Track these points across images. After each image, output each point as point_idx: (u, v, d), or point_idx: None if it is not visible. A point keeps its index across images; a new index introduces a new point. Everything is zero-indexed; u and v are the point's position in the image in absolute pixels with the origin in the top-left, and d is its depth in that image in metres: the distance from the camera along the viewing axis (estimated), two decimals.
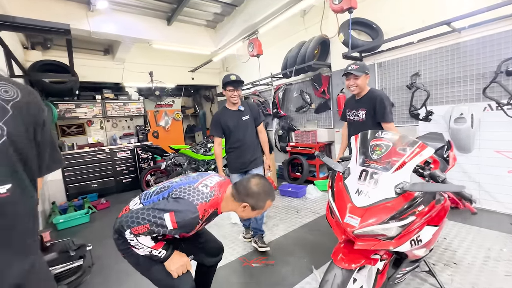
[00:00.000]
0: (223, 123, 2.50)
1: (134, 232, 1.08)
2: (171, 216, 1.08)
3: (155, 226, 1.07)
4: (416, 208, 1.13)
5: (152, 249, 1.16)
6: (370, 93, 2.27)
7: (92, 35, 4.24)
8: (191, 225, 1.13)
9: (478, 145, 3.00)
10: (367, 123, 2.23)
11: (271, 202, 1.30)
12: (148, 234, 1.10)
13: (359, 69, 2.20)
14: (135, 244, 1.14)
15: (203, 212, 1.16)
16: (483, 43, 2.89)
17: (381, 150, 1.27)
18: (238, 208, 1.27)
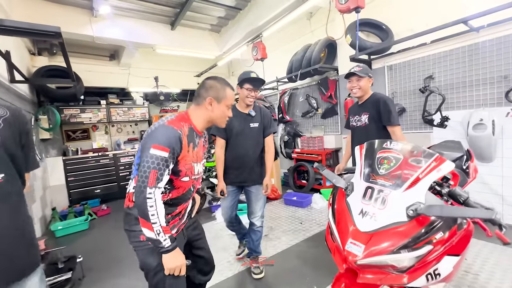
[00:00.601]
0: (227, 124, 2.19)
1: (150, 184, 1.07)
2: (157, 146, 1.08)
3: (158, 165, 1.08)
4: (434, 235, 0.93)
5: (162, 230, 1.09)
6: (373, 97, 2.13)
7: (95, 40, 4.23)
8: (177, 140, 1.13)
9: (501, 154, 2.73)
10: (371, 128, 2.10)
11: (231, 90, 1.31)
12: (160, 180, 1.09)
13: (362, 71, 2.06)
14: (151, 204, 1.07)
15: (178, 126, 1.16)
16: (505, 43, 2.64)
17: (390, 164, 1.08)
18: (207, 111, 1.26)
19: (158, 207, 1.09)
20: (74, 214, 4.14)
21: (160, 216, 1.09)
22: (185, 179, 1.23)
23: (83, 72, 5.07)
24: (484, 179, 2.85)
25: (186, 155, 1.19)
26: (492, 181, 2.81)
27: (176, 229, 1.29)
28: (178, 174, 1.19)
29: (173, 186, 1.21)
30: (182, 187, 1.24)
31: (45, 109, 4.37)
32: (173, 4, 4.32)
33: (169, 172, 1.13)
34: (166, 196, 1.21)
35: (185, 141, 1.17)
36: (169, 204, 1.23)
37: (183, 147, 1.15)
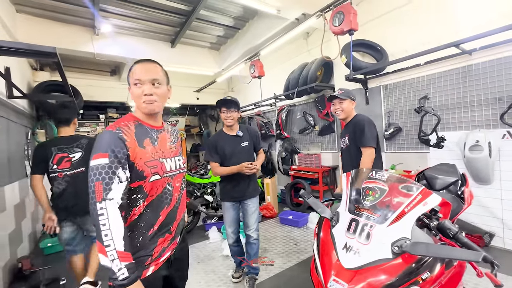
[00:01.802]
0: (219, 149, 2.28)
1: (98, 198, 0.91)
2: (95, 156, 0.96)
3: (100, 175, 0.93)
4: (420, 275, 0.88)
5: (117, 256, 0.89)
6: (354, 118, 2.20)
7: (96, 57, 4.32)
8: (116, 139, 0.98)
9: (499, 177, 2.68)
10: (350, 149, 2.17)
11: (138, 63, 1.09)
12: (108, 191, 0.93)
13: (344, 94, 2.14)
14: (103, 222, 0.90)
15: (116, 127, 1.02)
16: (498, 66, 2.66)
17: (375, 195, 1.04)
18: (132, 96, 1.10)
19: (112, 225, 0.91)
20: None
21: (115, 236, 0.90)
22: (155, 178, 1.07)
23: (84, 87, 5.14)
24: (483, 202, 2.78)
25: (142, 152, 1.04)
26: (492, 204, 2.73)
27: (164, 256, 1.13)
28: (142, 176, 1.04)
29: (145, 193, 1.06)
30: (154, 188, 1.08)
31: (43, 123, 4.40)
32: (173, 24, 4.44)
33: (120, 180, 0.97)
34: (142, 207, 1.05)
35: (132, 138, 1.03)
36: (148, 213, 1.07)
37: (129, 146, 1.01)
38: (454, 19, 2.90)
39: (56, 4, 3.60)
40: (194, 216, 3.98)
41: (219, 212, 4.15)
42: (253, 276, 2.35)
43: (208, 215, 4.08)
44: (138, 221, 1.05)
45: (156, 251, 1.09)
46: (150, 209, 1.07)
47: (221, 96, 7.90)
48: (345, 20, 2.84)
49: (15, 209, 3.02)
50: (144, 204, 1.06)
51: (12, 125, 3.18)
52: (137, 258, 1.01)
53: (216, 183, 4.20)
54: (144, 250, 1.06)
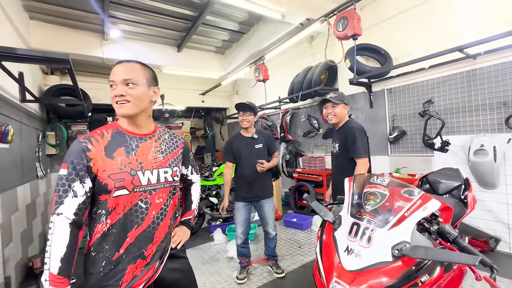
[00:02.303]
0: (234, 149, 2.51)
1: (52, 211, 0.86)
2: (62, 165, 0.91)
3: (56, 186, 0.88)
4: (419, 278, 0.91)
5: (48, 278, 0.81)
6: (345, 124, 2.13)
7: (105, 61, 4.44)
8: (78, 151, 0.90)
9: (505, 181, 2.66)
10: (340, 156, 2.15)
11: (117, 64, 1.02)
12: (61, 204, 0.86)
13: (337, 98, 2.09)
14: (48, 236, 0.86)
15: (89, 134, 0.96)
16: (502, 70, 2.66)
17: (376, 200, 1.08)
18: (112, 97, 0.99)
19: (53, 243, 0.84)
20: None
21: (52, 255, 0.83)
22: (120, 193, 0.93)
23: (92, 90, 5.27)
24: (488, 206, 2.77)
25: (107, 163, 0.93)
26: (497, 209, 2.72)
27: (144, 283, 0.98)
28: (105, 189, 0.92)
29: (108, 209, 0.94)
30: (121, 204, 0.95)
31: (53, 126, 4.52)
32: (180, 29, 4.54)
33: (75, 194, 0.88)
34: (105, 225, 0.94)
35: (98, 148, 0.93)
36: (112, 234, 0.94)
37: (91, 155, 0.91)
38: (458, 24, 2.91)
39: (68, 11, 3.72)
40: (199, 218, 4.03)
41: (224, 214, 4.19)
42: (275, 260, 2.68)
43: (213, 217, 4.13)
44: (102, 242, 0.94)
45: (124, 280, 0.95)
46: (115, 229, 0.95)
47: (226, 99, 8.05)
48: (349, 25, 2.88)
49: (27, 209, 3.12)
50: (107, 222, 0.94)
51: (24, 128, 3.29)
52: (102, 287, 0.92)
53: (221, 185, 4.25)
54: (109, 279, 0.93)
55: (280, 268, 2.63)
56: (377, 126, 3.77)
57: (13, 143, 2.66)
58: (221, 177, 4.27)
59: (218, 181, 4.23)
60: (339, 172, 2.15)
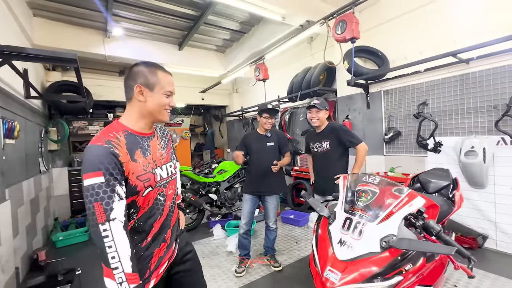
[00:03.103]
0: (247, 143, 2.70)
1: (101, 220, 0.86)
2: (87, 175, 0.88)
3: (98, 195, 0.87)
4: (404, 266, 1.01)
5: (125, 279, 0.87)
6: (330, 126, 2.46)
7: (107, 59, 4.49)
8: (109, 155, 0.90)
9: (493, 181, 2.79)
10: (331, 153, 2.41)
11: (164, 73, 1.07)
12: (110, 211, 0.88)
13: (321, 104, 2.41)
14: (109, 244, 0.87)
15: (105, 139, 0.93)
16: (493, 75, 2.77)
17: (367, 197, 1.18)
18: (139, 103, 1.03)
19: (118, 247, 0.87)
20: (76, 224, 4.23)
21: (123, 258, 0.87)
22: (148, 191, 1.02)
23: (93, 86, 5.33)
24: (477, 205, 2.89)
25: (134, 167, 0.98)
26: (485, 207, 2.85)
27: (163, 267, 1.10)
28: (135, 191, 0.98)
29: (138, 207, 1.02)
30: (146, 200, 1.04)
31: (55, 122, 4.57)
32: (181, 28, 4.59)
33: (121, 197, 0.92)
34: (133, 221, 1.02)
35: (124, 151, 0.95)
36: (140, 226, 1.04)
37: (123, 161, 0.94)
38: (452, 29, 3.01)
39: (72, 9, 3.77)
40: (198, 213, 4.13)
41: (223, 210, 4.30)
42: (272, 254, 2.81)
43: (213, 213, 4.23)
44: (131, 234, 1.00)
45: (153, 262, 1.05)
46: (141, 222, 1.03)
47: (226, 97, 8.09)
48: (347, 29, 2.96)
49: (31, 203, 3.20)
50: (136, 218, 1.02)
51: (28, 124, 3.36)
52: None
53: (220, 182, 4.34)
54: (141, 263, 1.01)
55: (278, 262, 2.76)
56: (373, 127, 3.88)
57: (18, 139, 2.74)
58: (220, 174, 4.37)
59: (218, 178, 4.32)
60: (327, 170, 2.40)
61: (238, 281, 2.51)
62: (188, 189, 4.19)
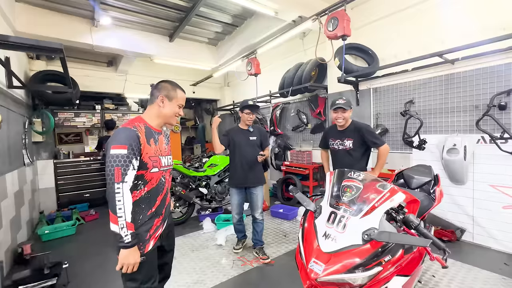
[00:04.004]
0: (231, 137, 2.81)
1: (117, 180, 1.17)
2: (115, 147, 1.20)
3: (119, 162, 1.18)
4: (383, 258, 1.07)
5: (126, 225, 1.18)
6: (354, 124, 2.48)
7: (94, 48, 4.36)
8: (134, 136, 1.25)
9: (472, 178, 2.93)
10: (354, 151, 2.45)
11: (182, 92, 1.47)
12: (125, 175, 1.19)
13: (347, 104, 2.40)
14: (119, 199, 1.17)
15: (132, 126, 1.28)
16: (476, 75, 2.87)
17: (352, 192, 1.23)
18: (159, 108, 1.40)
19: (125, 202, 1.18)
20: (62, 218, 4.16)
21: (126, 211, 1.18)
22: (154, 170, 1.35)
23: (80, 77, 5.17)
24: (457, 200, 3.04)
25: (148, 148, 1.31)
26: (464, 202, 2.99)
27: (159, 232, 1.42)
28: (146, 167, 1.31)
29: (146, 180, 1.33)
30: (154, 178, 1.36)
31: (39, 113, 4.43)
32: (172, 19, 4.50)
33: (134, 167, 1.23)
34: (142, 191, 1.33)
35: (143, 137, 1.29)
36: (148, 197, 1.35)
37: (141, 142, 1.27)
38: (440, 29, 3.09)
39: None
40: (188, 207, 4.14)
41: (213, 204, 4.32)
42: (260, 246, 2.91)
43: (202, 206, 4.25)
44: (139, 203, 1.32)
45: (153, 228, 1.38)
46: (150, 194, 1.36)
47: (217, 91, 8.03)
48: (339, 26, 2.99)
49: (15, 196, 3.12)
50: (144, 189, 1.33)
51: (11, 114, 3.24)
52: (139, 233, 1.30)
53: (210, 176, 4.35)
54: (144, 227, 1.34)
55: (266, 254, 2.83)
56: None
57: (0, 130, 2.65)
58: (211, 168, 4.37)
59: (208, 172, 4.33)
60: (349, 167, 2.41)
61: (227, 273, 2.56)
62: (178, 183, 4.18)
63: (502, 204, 2.72)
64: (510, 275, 2.32)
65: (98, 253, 3.12)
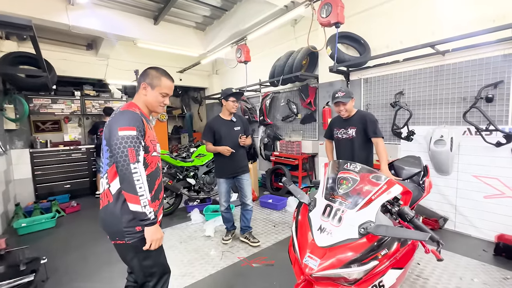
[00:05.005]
0: (216, 130, 2.73)
1: (133, 160, 1.16)
2: (124, 128, 1.19)
3: (131, 143, 1.18)
4: (379, 251, 1.04)
5: (148, 203, 1.19)
6: (358, 113, 2.48)
7: (71, 29, 4.03)
8: (139, 118, 1.26)
9: (457, 169, 3.00)
10: (357, 140, 2.44)
11: (168, 80, 1.40)
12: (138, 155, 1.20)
13: (346, 96, 2.38)
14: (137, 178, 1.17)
15: (133, 109, 1.29)
16: (465, 68, 2.89)
17: (348, 185, 1.18)
18: (142, 96, 1.37)
19: (143, 180, 1.18)
20: (40, 210, 3.94)
21: (146, 189, 1.19)
22: (154, 154, 1.37)
23: (57, 60, 4.81)
24: (441, 190, 3.12)
25: (149, 132, 1.33)
26: (448, 192, 3.08)
27: (160, 217, 1.44)
28: (147, 150, 1.32)
29: (147, 164, 1.33)
30: (153, 162, 1.38)
31: (11, 98, 4.10)
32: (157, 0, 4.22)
33: (142, 149, 1.25)
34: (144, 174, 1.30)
35: (144, 120, 1.30)
36: (149, 181, 1.31)
37: (145, 125, 1.29)
38: (432, 20, 3.06)
39: None
40: (176, 198, 4.04)
41: (201, 195, 4.24)
42: (249, 231, 2.97)
43: (190, 197, 4.16)
44: None
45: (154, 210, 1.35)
46: (150, 178, 1.34)
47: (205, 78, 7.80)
48: (332, 12, 2.89)
49: None
50: (147, 173, 1.32)
51: None
52: None
53: (198, 167, 4.25)
54: None
55: (256, 238, 2.90)
56: None
57: None
58: (199, 159, 4.26)
59: (196, 163, 4.22)
60: (352, 156, 2.45)
61: (216, 265, 2.52)
62: (165, 173, 4.05)
63: (484, 193, 2.82)
64: (489, 261, 2.43)
65: (80, 246, 2.99)
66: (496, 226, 2.74)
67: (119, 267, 2.45)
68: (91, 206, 4.54)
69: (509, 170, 2.65)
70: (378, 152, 2.32)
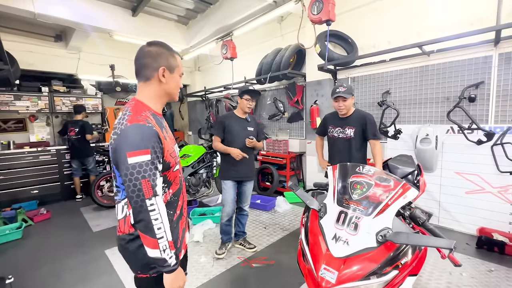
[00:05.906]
0: (227, 126, 2.54)
1: (148, 195, 0.92)
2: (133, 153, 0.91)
3: (145, 172, 0.92)
4: (400, 260, 0.99)
5: (168, 246, 0.95)
6: (357, 113, 2.40)
7: (37, 17, 3.62)
8: (154, 135, 0.96)
9: (441, 166, 3.11)
10: (354, 141, 2.37)
11: (178, 56, 1.13)
12: (155, 186, 0.94)
13: (347, 91, 2.29)
14: (156, 217, 0.93)
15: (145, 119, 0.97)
16: (449, 68, 2.99)
17: (362, 189, 1.11)
18: (161, 84, 1.06)
19: (163, 219, 0.95)
20: (3, 220, 3.52)
21: (166, 229, 0.95)
22: (177, 167, 1.12)
23: (21, 52, 4.35)
24: (426, 187, 3.21)
25: (167, 144, 1.04)
26: (432, 189, 3.18)
27: (186, 236, 1.22)
28: (169, 166, 1.06)
29: (169, 182, 1.08)
30: (177, 177, 1.13)
31: None
32: None
33: (160, 173, 0.99)
34: (168, 195, 1.08)
35: (159, 131, 1.00)
36: (174, 201, 1.11)
37: (162, 140, 1.00)
38: (418, 21, 3.13)
39: None
40: None
41: (187, 198, 4.04)
42: (244, 237, 2.87)
43: None
44: (167, 209, 1.04)
45: (180, 233, 1.13)
46: (176, 197, 1.12)
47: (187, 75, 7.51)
48: (323, 9, 2.85)
49: None
50: (169, 192, 1.09)
51: None
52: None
53: (183, 168, 4.04)
54: (174, 235, 1.08)
55: (251, 244, 2.80)
56: None
57: None
58: (184, 159, 4.05)
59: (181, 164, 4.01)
60: (348, 156, 2.38)
61: (208, 273, 2.38)
62: None
63: (466, 189, 2.94)
64: (473, 255, 2.53)
65: (51, 260, 2.68)
66: (477, 220, 2.88)
67: (96, 285, 2.23)
68: (63, 212, 4.15)
69: (489, 167, 2.78)
70: (374, 154, 2.29)
